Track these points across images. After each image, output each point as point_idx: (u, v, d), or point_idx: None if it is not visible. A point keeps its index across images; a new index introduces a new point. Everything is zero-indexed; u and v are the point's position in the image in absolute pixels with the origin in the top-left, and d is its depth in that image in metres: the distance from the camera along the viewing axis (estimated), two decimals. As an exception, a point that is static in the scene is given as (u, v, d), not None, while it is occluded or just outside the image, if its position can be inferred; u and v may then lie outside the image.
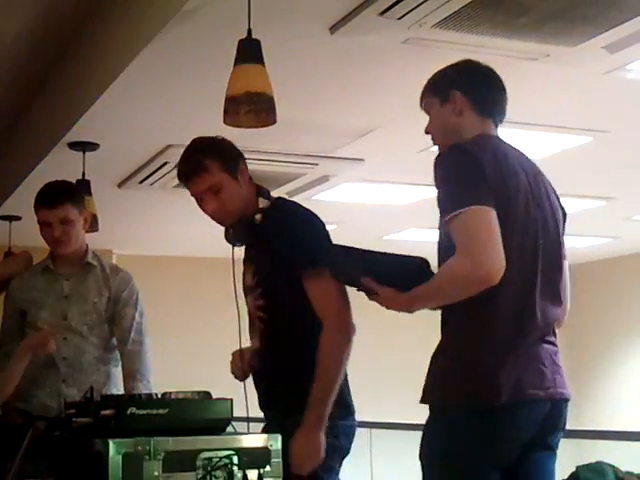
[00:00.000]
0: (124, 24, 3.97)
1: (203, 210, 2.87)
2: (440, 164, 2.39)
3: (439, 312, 2.46)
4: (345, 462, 2.83)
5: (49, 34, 4.53)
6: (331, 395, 2.68)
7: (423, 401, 2.40)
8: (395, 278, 2.36)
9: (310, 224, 2.81)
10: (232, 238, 2.91)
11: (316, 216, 2.84)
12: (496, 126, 2.55)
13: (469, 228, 2.24)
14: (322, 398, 2.67)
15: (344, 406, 2.80)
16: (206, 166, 2.76)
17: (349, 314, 2.73)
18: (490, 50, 3.70)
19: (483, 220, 2.25)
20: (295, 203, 2.94)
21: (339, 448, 2.77)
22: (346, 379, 2.81)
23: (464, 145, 2.41)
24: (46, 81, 5.11)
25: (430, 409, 2.41)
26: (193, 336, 8.96)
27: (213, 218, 2.87)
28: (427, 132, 2.59)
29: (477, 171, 2.31)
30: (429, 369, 2.42)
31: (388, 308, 2.42)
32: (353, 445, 2.84)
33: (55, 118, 5.09)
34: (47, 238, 3.68)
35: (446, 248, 2.33)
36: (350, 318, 2.73)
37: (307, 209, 2.86)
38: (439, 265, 2.37)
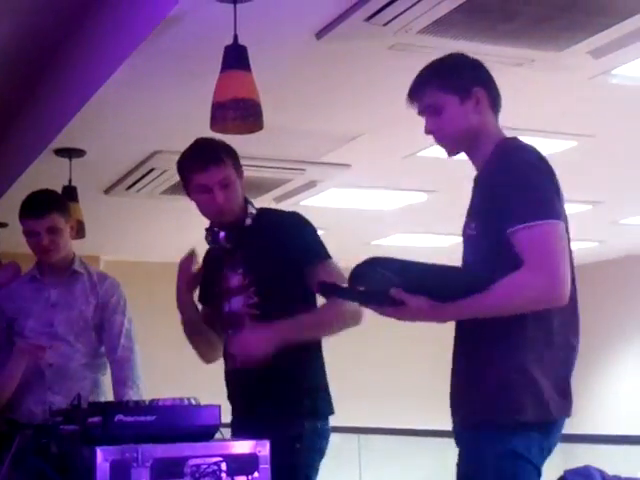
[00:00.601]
0: (110, 31, 3.96)
1: (205, 202, 2.85)
2: (514, 160, 2.26)
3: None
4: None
5: (35, 41, 4.52)
6: (312, 333, 2.75)
7: (472, 418, 2.24)
8: (433, 288, 2.20)
9: (309, 223, 2.89)
10: (214, 240, 2.92)
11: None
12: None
13: (546, 244, 2.14)
14: (306, 326, 2.74)
15: (330, 404, 2.84)
16: (223, 159, 2.82)
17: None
18: (476, 56, 3.68)
19: (559, 236, 2.16)
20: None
21: (322, 451, 2.81)
22: (326, 377, 2.84)
23: (534, 148, 2.30)
24: (33, 88, 5.10)
25: (475, 424, 2.24)
26: (180, 342, 8.92)
27: (216, 212, 2.87)
28: (430, 132, 2.41)
29: (553, 179, 2.23)
30: (473, 382, 2.26)
31: (405, 320, 2.26)
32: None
33: (41, 125, 5.08)
34: (34, 248, 3.67)
35: (475, 260, 2.25)
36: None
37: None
38: (465, 262, 2.29)
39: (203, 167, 2.82)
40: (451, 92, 2.35)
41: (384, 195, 6.57)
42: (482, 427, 2.20)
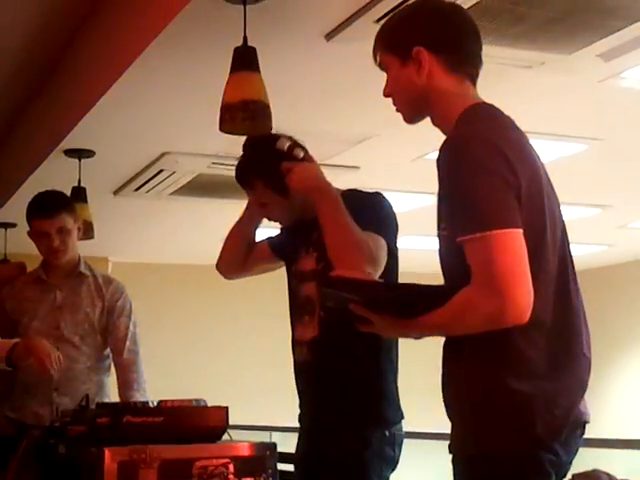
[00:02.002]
0: (120, 32, 3.97)
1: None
2: (454, 156, 1.92)
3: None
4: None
5: (45, 42, 4.53)
6: (334, 221, 2.56)
7: (459, 451, 1.98)
8: (395, 305, 1.97)
9: (382, 203, 2.84)
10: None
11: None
12: (474, 84, 2.09)
13: (494, 259, 1.82)
14: (338, 214, 2.57)
15: (399, 409, 2.72)
16: (251, 183, 2.79)
17: None
18: (485, 58, 3.65)
19: (510, 248, 1.84)
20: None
21: (393, 459, 2.69)
22: (396, 383, 2.73)
23: (486, 133, 1.94)
24: (42, 88, 5.11)
25: (459, 455, 1.98)
26: (189, 343, 8.95)
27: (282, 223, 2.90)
28: (386, 95, 2.17)
29: (506, 176, 1.87)
30: (453, 408, 2.00)
31: (386, 336, 2.15)
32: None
33: (51, 125, 5.09)
34: (43, 249, 3.67)
35: (449, 264, 2.01)
36: None
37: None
38: (445, 279, 2.04)
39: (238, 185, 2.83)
40: (391, 52, 2.08)
41: (393, 198, 6.48)
42: (469, 459, 1.96)
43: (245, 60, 3.15)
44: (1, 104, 5.39)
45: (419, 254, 6.39)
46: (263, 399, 8.53)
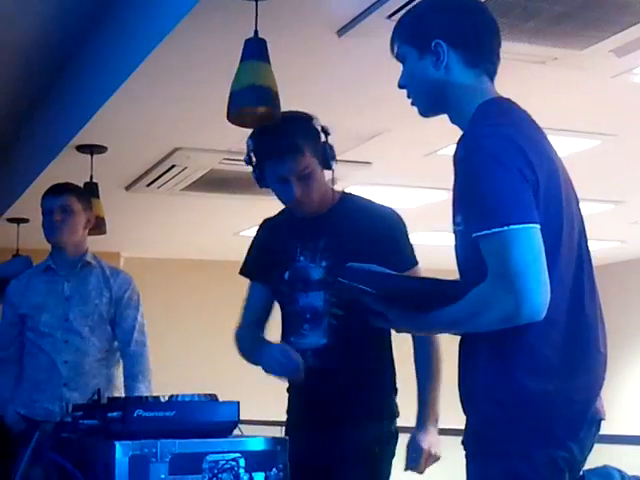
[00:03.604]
0: (133, 27, 3.98)
1: (283, 193, 2.70)
2: (471, 151, 1.91)
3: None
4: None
5: (57, 37, 4.55)
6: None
7: (470, 447, 1.98)
8: (410, 299, 1.98)
9: (404, 224, 2.78)
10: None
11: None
12: (491, 80, 2.09)
13: (510, 255, 1.80)
14: (438, 396, 2.67)
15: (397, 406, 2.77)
16: (301, 149, 2.67)
17: None
18: (498, 53, 3.70)
19: (527, 244, 1.81)
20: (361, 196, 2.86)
21: (395, 453, 2.74)
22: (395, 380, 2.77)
23: (503, 127, 1.93)
24: (54, 84, 5.13)
25: (471, 452, 1.99)
26: (200, 338, 8.97)
27: (295, 203, 2.71)
28: (401, 86, 2.17)
29: (523, 171, 1.86)
30: (465, 403, 2.00)
31: (398, 331, 2.15)
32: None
33: (63, 121, 5.10)
34: (47, 227, 3.69)
35: (464, 260, 2.00)
36: None
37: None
38: (461, 274, 2.02)
39: (281, 157, 2.65)
40: (410, 44, 2.08)
41: (405, 193, 6.55)
42: (482, 454, 1.96)
43: (255, 50, 3.14)
44: (14, 100, 5.41)
45: (430, 250, 6.38)
46: (274, 394, 8.54)
